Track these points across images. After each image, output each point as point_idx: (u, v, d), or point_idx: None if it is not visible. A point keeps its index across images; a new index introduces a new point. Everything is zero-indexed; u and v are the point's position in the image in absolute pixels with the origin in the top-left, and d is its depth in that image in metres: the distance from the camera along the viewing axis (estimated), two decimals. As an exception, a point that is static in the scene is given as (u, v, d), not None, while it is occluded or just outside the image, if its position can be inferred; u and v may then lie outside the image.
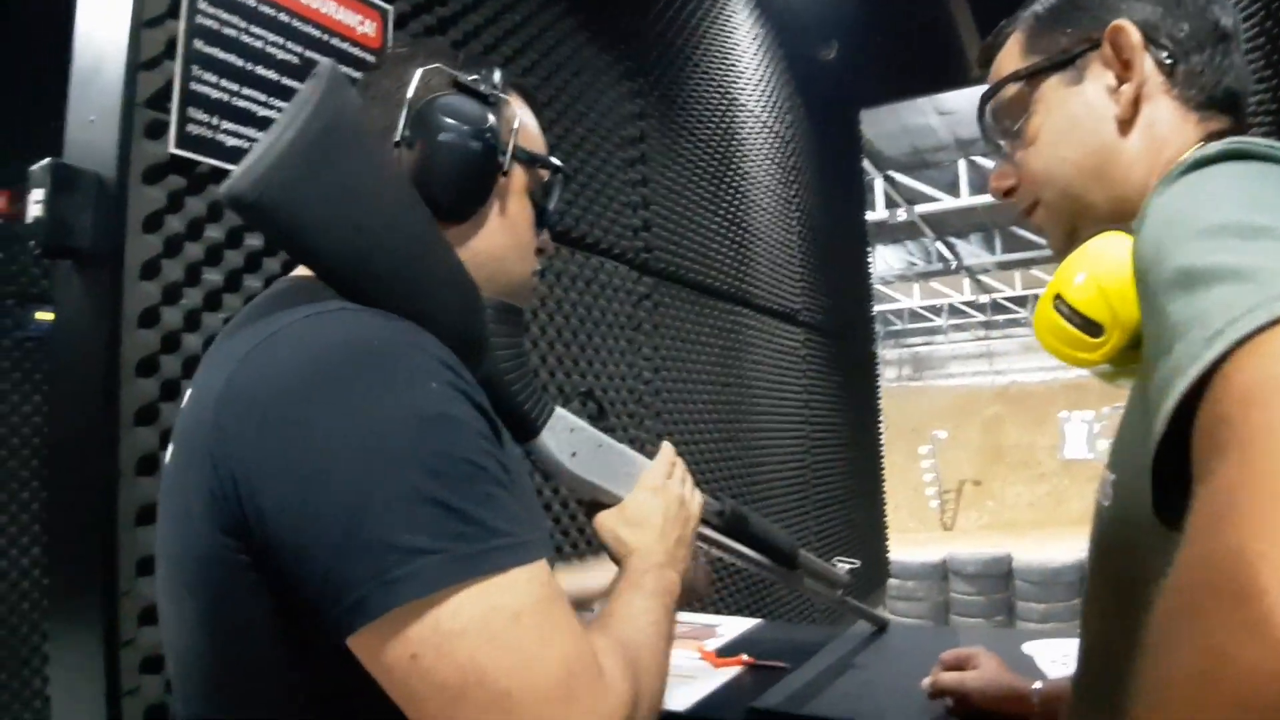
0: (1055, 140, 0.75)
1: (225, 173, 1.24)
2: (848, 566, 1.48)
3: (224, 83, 1.24)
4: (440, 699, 0.55)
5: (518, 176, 0.85)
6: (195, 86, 1.21)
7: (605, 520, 0.92)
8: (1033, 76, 0.77)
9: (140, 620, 1.11)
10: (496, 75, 0.84)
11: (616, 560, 0.90)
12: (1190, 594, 0.35)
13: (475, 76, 0.82)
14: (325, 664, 0.60)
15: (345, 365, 0.60)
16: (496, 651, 0.56)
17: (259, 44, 1.30)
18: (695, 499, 1.00)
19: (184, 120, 1.19)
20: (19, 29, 2.61)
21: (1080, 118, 0.74)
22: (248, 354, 0.62)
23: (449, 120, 0.78)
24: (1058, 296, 0.69)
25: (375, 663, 0.57)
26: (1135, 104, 0.71)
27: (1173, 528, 0.45)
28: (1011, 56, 0.80)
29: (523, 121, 0.85)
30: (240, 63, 1.27)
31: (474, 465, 0.59)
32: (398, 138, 0.78)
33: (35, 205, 1.12)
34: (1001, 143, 0.82)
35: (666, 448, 1.02)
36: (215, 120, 1.23)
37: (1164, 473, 0.46)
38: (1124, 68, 0.71)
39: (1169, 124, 0.71)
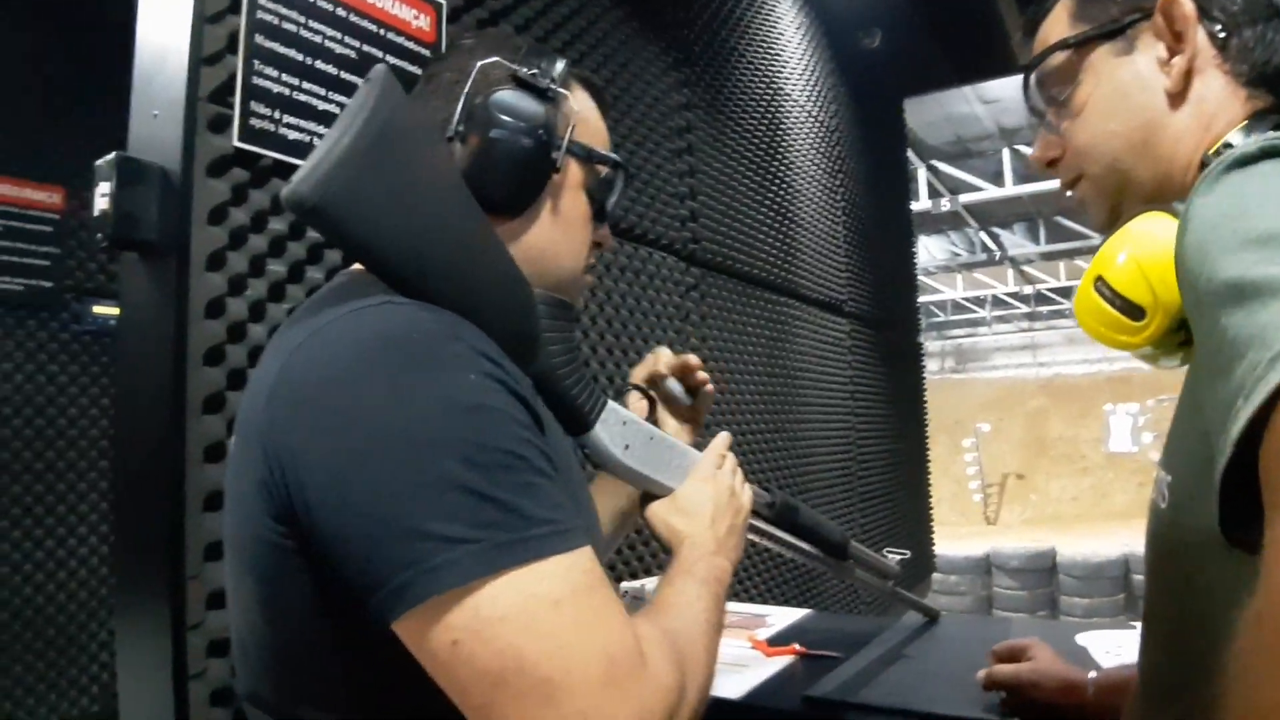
0: (1103, 111, 0.74)
1: (287, 166, 1.26)
2: (898, 557, 1.47)
3: (285, 77, 1.26)
4: (482, 685, 0.56)
5: (573, 172, 0.86)
6: (257, 81, 1.23)
7: (657, 510, 0.93)
8: (1082, 45, 0.75)
9: (208, 604, 1.13)
10: (558, 68, 0.84)
11: (667, 550, 0.90)
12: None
13: (535, 70, 0.82)
14: (373, 646, 0.61)
15: (385, 357, 0.61)
16: (536, 638, 0.56)
17: (318, 39, 1.32)
18: (745, 491, 1.00)
19: (246, 114, 1.21)
20: (72, 29, 2.67)
21: (1130, 89, 0.73)
22: (298, 346, 0.64)
23: (502, 116, 0.79)
24: (1099, 278, 0.68)
25: (418, 648, 0.58)
26: (1186, 77, 0.70)
27: (1239, 545, 0.45)
28: (1059, 24, 0.79)
29: (581, 116, 0.86)
30: (300, 57, 1.29)
31: (512, 454, 0.60)
32: (451, 131, 0.79)
33: (102, 199, 1.14)
34: (1046, 113, 0.80)
35: (720, 439, 1.03)
36: (277, 114, 1.25)
37: (1229, 487, 0.45)
38: (1176, 39, 0.70)
39: (1218, 99, 0.69)
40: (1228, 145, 0.67)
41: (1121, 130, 0.73)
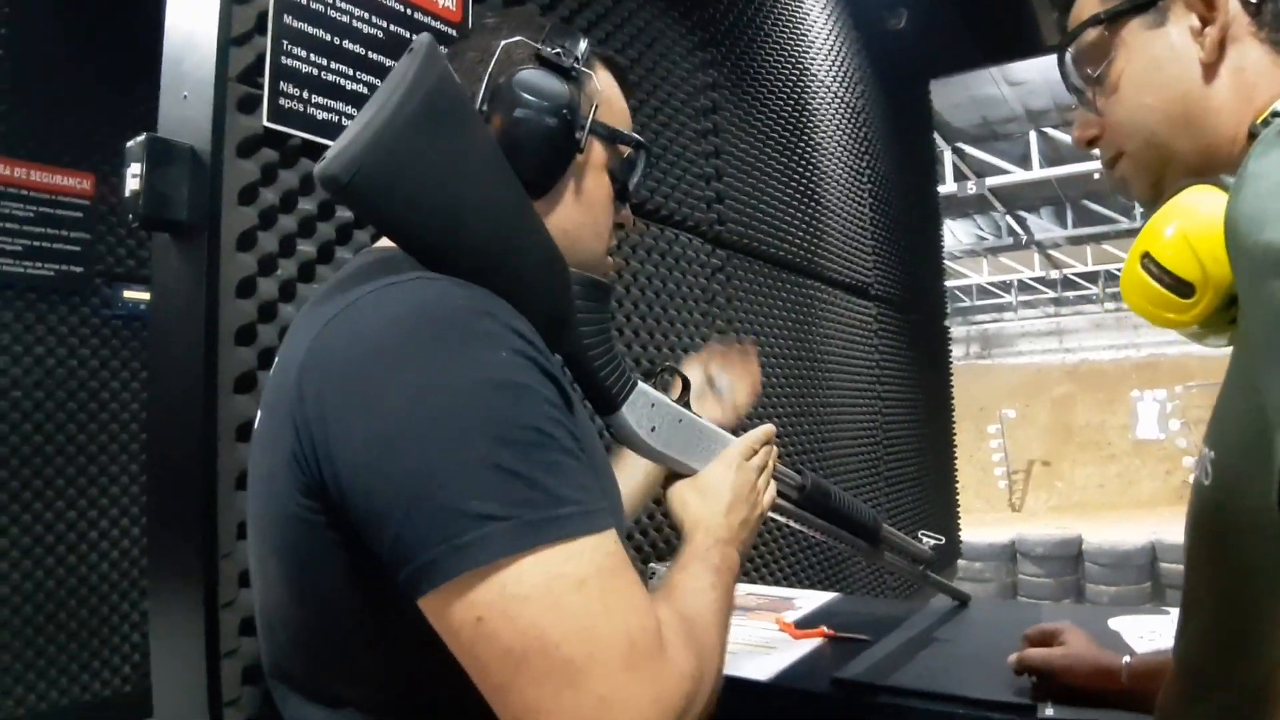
0: (1138, 86, 0.73)
1: (316, 145, 1.26)
2: (932, 542, 1.46)
3: (313, 57, 1.26)
4: (504, 663, 0.56)
5: (596, 152, 0.85)
6: (285, 61, 1.22)
7: (676, 487, 0.93)
8: (1113, 19, 0.74)
9: (240, 582, 1.14)
10: (581, 47, 0.83)
11: (677, 529, 0.90)
12: None
13: (558, 50, 0.81)
14: (402, 622, 0.61)
15: (417, 332, 0.61)
16: (560, 618, 0.56)
17: (345, 18, 1.31)
18: (770, 491, 0.99)
19: (275, 94, 1.21)
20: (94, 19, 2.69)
21: (1163, 62, 0.71)
22: (328, 323, 0.64)
23: (525, 95, 0.78)
24: (1146, 255, 0.66)
25: (442, 624, 0.58)
26: (1220, 46, 0.68)
27: None
28: (1091, 0, 0.77)
29: (605, 96, 0.85)
30: (328, 37, 1.28)
31: (542, 433, 0.60)
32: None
33: (133, 179, 1.15)
34: (1084, 91, 0.78)
35: (760, 431, 1.01)
36: (305, 94, 1.25)
37: None
38: (1208, 8, 0.68)
39: (1258, 69, 0.67)
40: (1276, 114, 0.65)
41: (1157, 104, 0.71)
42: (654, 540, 2.08)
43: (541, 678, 0.55)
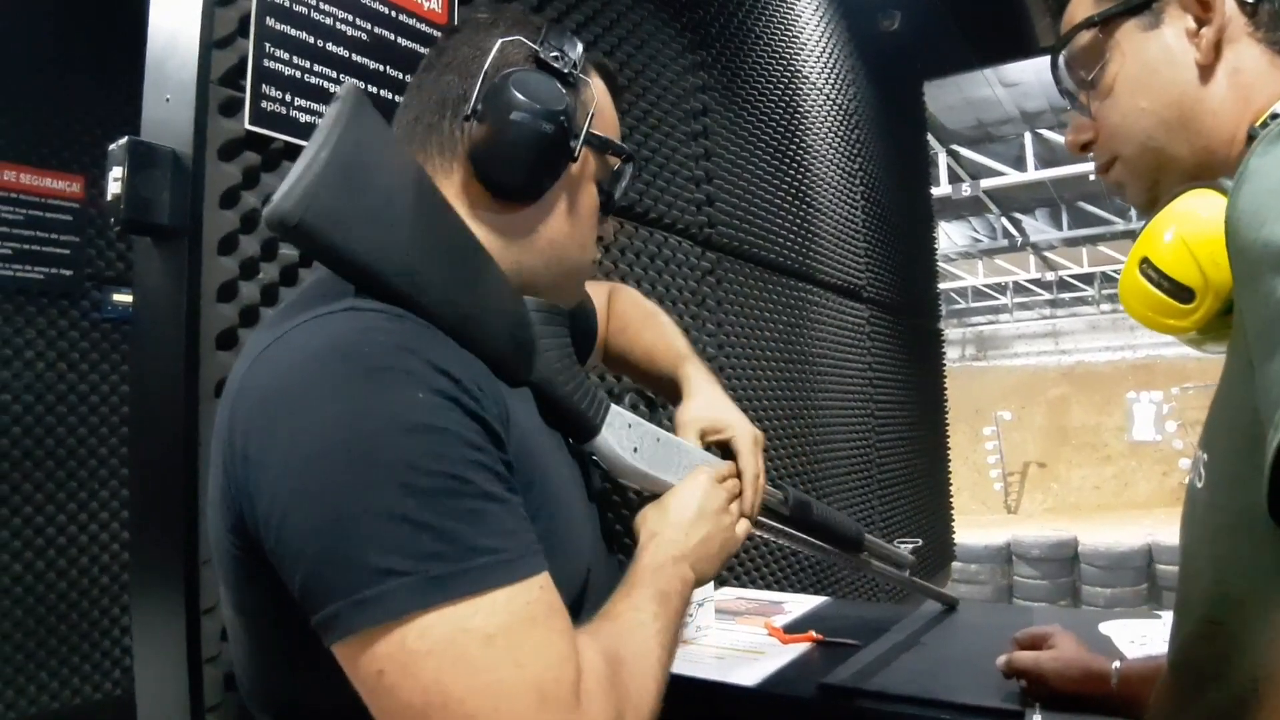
0: (1132, 89, 0.72)
1: (299, 149, 1.25)
2: (910, 546, 1.46)
3: (296, 60, 1.25)
4: (406, 717, 0.55)
5: (588, 162, 0.83)
6: (268, 64, 1.22)
7: (647, 507, 0.90)
8: (1107, 22, 0.73)
9: (221, 589, 1.13)
10: (578, 52, 0.81)
11: (634, 540, 0.87)
12: None
13: (556, 53, 0.79)
14: (329, 658, 0.60)
15: (333, 372, 0.60)
16: (464, 674, 0.54)
17: (329, 21, 1.31)
18: (740, 527, 0.96)
19: (258, 97, 1.20)
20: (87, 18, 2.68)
21: (1158, 64, 0.70)
22: (259, 355, 0.63)
23: (523, 98, 0.75)
24: (1145, 260, 0.66)
25: (350, 673, 0.58)
26: (1216, 48, 0.67)
27: None
28: (1084, 2, 0.76)
29: (599, 105, 0.83)
30: (311, 40, 1.28)
31: (457, 479, 0.58)
32: (469, 110, 0.76)
33: (114, 183, 1.14)
34: (1077, 95, 0.78)
35: (745, 460, 1.00)
36: (288, 97, 1.24)
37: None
38: (1203, 9, 0.68)
39: (1255, 70, 0.67)
40: (1275, 116, 0.64)
41: (1153, 107, 0.71)
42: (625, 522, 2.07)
43: None
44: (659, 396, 1.07)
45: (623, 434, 0.86)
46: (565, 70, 0.79)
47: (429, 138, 0.80)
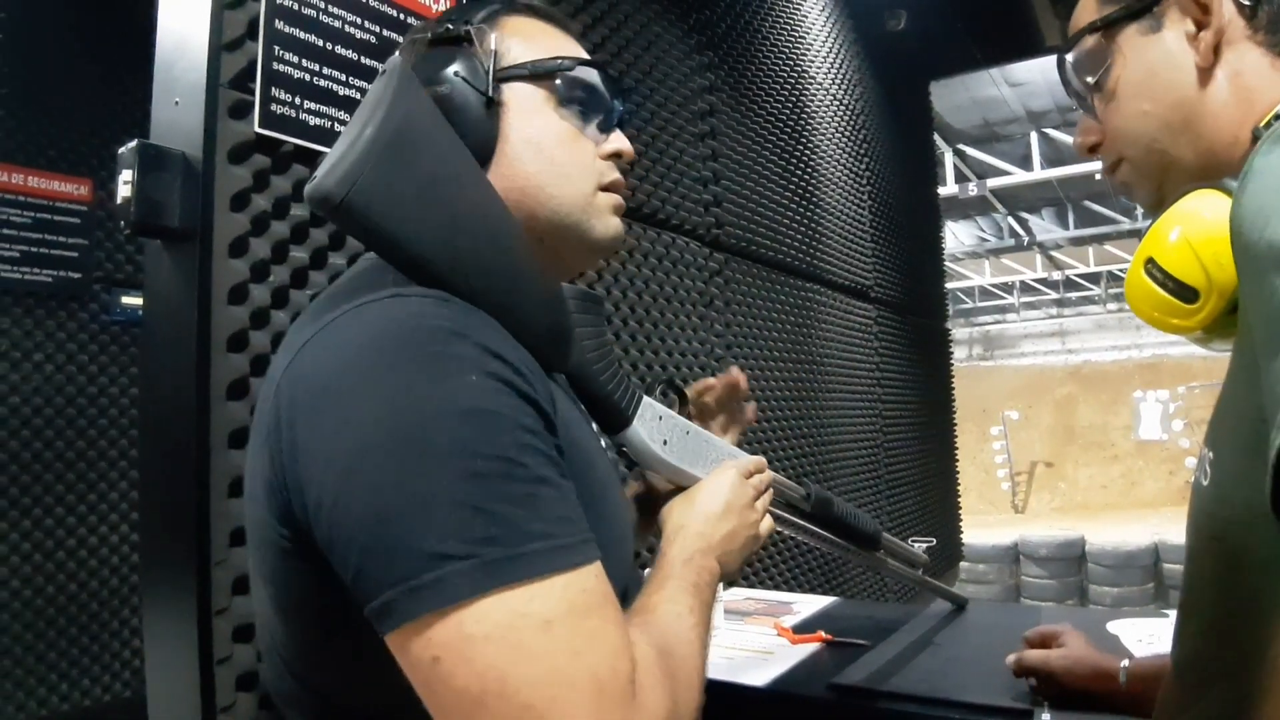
0: (1134, 93, 0.73)
1: (308, 151, 1.25)
2: (924, 545, 1.46)
3: (305, 62, 1.25)
4: (460, 705, 0.54)
5: (525, 95, 0.78)
6: (277, 66, 1.22)
7: (673, 500, 0.89)
8: (1109, 26, 0.74)
9: (234, 590, 1.13)
10: (480, 13, 0.79)
11: (658, 534, 0.86)
12: None
13: (446, 25, 0.78)
14: (383, 652, 0.58)
15: (382, 358, 0.59)
16: (521, 661, 0.53)
17: (337, 24, 1.31)
18: (767, 520, 0.94)
19: (267, 100, 1.20)
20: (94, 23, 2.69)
21: (1159, 68, 0.71)
22: (305, 343, 0.63)
23: (425, 78, 0.75)
24: (1150, 261, 0.66)
25: (403, 662, 0.56)
26: (1215, 50, 0.68)
27: None
28: (1088, 7, 0.77)
29: (511, 41, 0.79)
30: (320, 42, 1.28)
31: (512, 463, 0.57)
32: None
33: (124, 186, 1.14)
34: (1085, 98, 0.79)
35: (759, 460, 0.98)
36: (298, 100, 1.24)
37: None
38: (1202, 12, 0.68)
39: (1256, 72, 0.67)
40: (1279, 116, 0.65)
41: (1155, 110, 0.71)
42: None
43: None
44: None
45: (653, 426, 0.86)
46: (454, 34, 0.77)
47: None
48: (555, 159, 0.79)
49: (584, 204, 0.80)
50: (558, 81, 0.80)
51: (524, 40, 0.80)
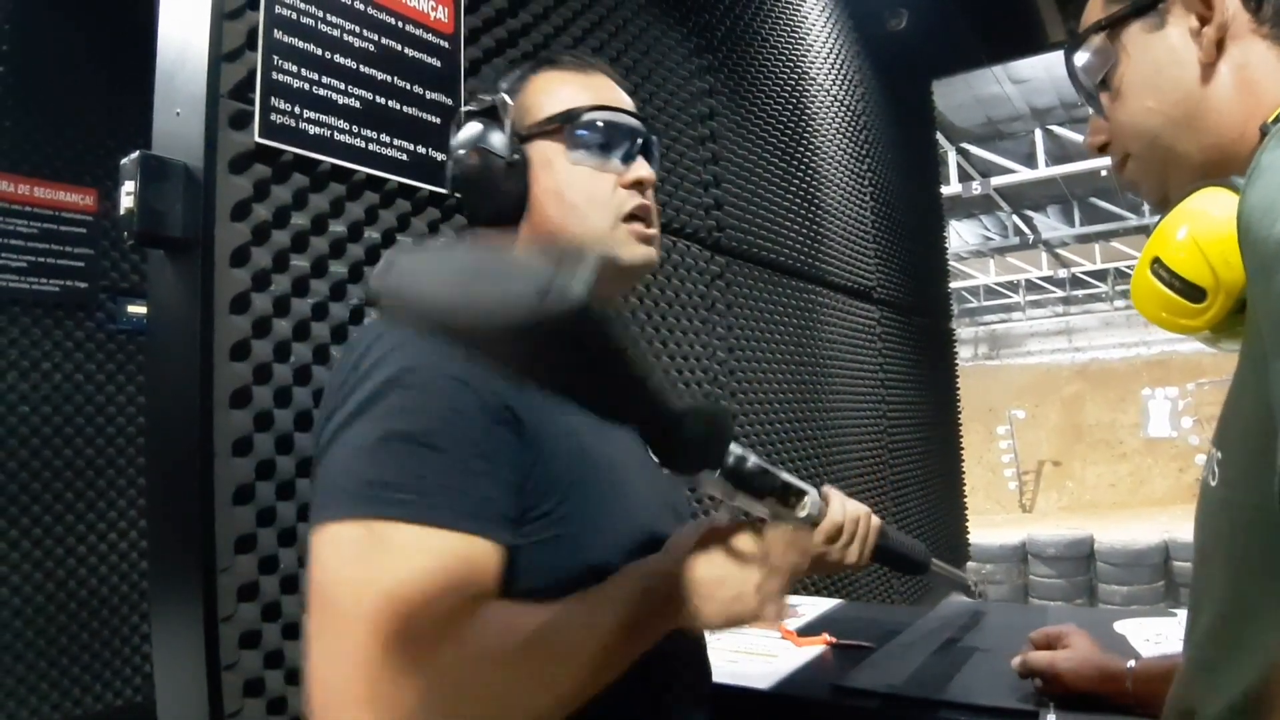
0: (1139, 89, 0.73)
1: (308, 160, 1.26)
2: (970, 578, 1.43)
3: (304, 72, 1.26)
4: (311, 594, 0.67)
5: (546, 150, 0.88)
6: (276, 76, 1.23)
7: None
8: (1114, 25, 0.74)
9: (239, 596, 1.14)
10: (504, 83, 0.92)
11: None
12: None
13: (473, 103, 0.91)
14: None
15: None
16: (342, 572, 0.65)
17: (336, 33, 1.32)
18: (772, 606, 0.74)
19: (267, 110, 1.21)
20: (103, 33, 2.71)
21: (1163, 64, 0.71)
22: None
23: (457, 154, 0.89)
24: (1156, 260, 0.66)
25: None
26: (1219, 46, 0.67)
27: None
28: (1095, 6, 0.77)
29: (524, 102, 0.90)
30: (318, 51, 1.29)
31: (416, 436, 0.69)
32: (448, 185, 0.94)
33: (127, 197, 1.15)
34: (1093, 95, 0.79)
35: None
36: (296, 109, 1.25)
37: None
38: (1205, 7, 0.68)
39: (1263, 67, 0.67)
40: None
41: (1160, 106, 0.71)
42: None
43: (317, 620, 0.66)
44: None
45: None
46: (483, 107, 0.90)
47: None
48: (573, 204, 0.87)
49: (605, 238, 0.87)
50: (569, 130, 0.88)
51: (544, 97, 0.90)
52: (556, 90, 0.90)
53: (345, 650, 0.62)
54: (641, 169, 0.90)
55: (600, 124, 0.89)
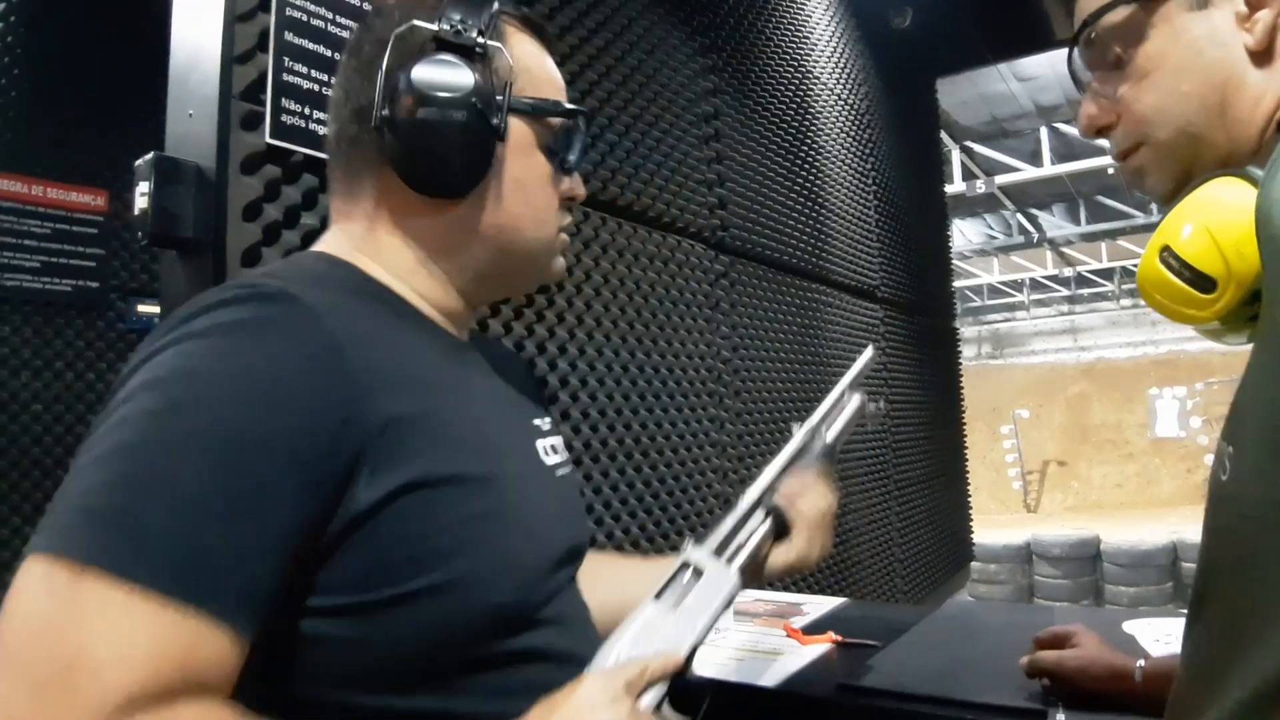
0: (1176, 72, 0.68)
1: (318, 161, 1.27)
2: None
3: (314, 73, 1.28)
4: None
5: (521, 133, 0.76)
6: (287, 78, 1.24)
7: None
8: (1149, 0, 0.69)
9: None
10: (484, 16, 0.73)
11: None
12: None
13: (457, 26, 0.72)
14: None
15: None
16: (16, 622, 0.51)
17: (345, 34, 1.33)
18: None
19: (278, 111, 1.22)
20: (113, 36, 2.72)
21: (1204, 48, 0.67)
22: None
23: (427, 91, 0.69)
24: (1165, 249, 0.64)
25: None
26: (1273, 32, 0.65)
27: None
28: None
29: (522, 66, 0.76)
30: (329, 53, 1.30)
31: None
32: (375, 120, 0.71)
33: (141, 198, 1.17)
34: (1096, 75, 0.74)
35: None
36: (307, 110, 1.26)
37: None
38: None
39: None
40: None
41: (1196, 91, 0.67)
42: (642, 525, 2.08)
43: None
44: None
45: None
46: (470, 42, 0.71)
47: (352, 152, 0.76)
48: (536, 203, 0.78)
49: (549, 246, 0.81)
50: (558, 124, 0.79)
51: (529, 66, 0.77)
52: (537, 66, 0.79)
53: None
54: (579, 184, 0.82)
55: (576, 129, 0.81)
